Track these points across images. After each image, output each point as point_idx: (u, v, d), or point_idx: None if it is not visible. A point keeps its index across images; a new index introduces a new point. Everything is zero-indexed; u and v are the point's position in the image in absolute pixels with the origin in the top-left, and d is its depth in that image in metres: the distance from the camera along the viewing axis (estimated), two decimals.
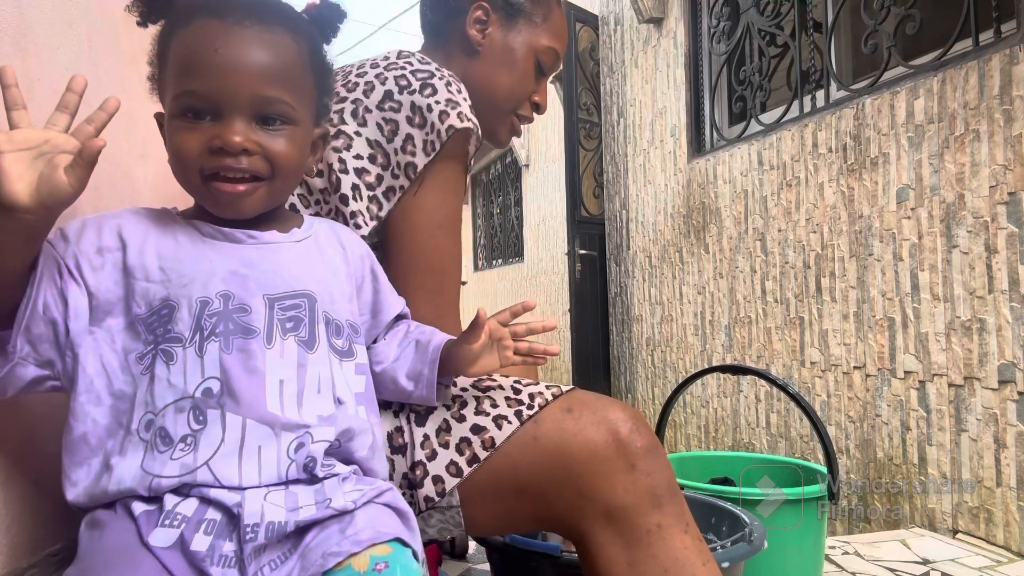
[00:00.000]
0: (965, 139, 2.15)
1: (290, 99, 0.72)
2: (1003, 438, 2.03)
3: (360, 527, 0.64)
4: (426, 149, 0.92)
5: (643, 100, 4.26)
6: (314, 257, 0.78)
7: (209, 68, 0.69)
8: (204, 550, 0.61)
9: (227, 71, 0.69)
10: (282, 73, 0.72)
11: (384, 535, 0.64)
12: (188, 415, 0.66)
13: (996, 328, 2.05)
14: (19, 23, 0.82)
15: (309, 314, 0.73)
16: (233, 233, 0.74)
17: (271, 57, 0.71)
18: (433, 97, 0.92)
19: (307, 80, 0.76)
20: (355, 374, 0.76)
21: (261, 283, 0.72)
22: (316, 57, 0.77)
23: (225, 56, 0.69)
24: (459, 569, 1.68)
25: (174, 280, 0.70)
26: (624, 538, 0.79)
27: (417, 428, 0.84)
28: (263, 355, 0.68)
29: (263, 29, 0.72)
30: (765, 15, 3.24)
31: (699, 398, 3.67)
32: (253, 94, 0.70)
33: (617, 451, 0.80)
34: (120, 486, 0.65)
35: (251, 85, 0.69)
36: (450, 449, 0.82)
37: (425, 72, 0.94)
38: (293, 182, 0.76)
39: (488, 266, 9.50)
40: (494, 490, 0.83)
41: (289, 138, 0.72)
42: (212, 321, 0.68)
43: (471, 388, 0.87)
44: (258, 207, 0.73)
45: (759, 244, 3.16)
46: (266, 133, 0.71)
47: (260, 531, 0.62)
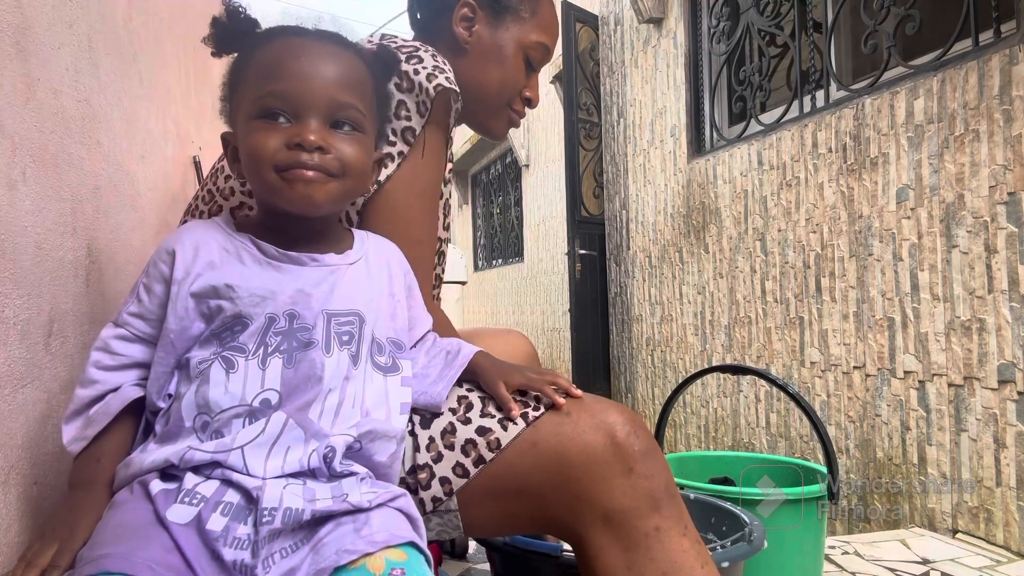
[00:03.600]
0: (965, 139, 2.15)
1: (362, 108, 0.79)
2: (1003, 438, 2.03)
3: (375, 528, 0.66)
4: (420, 110, 0.94)
5: (643, 100, 4.26)
6: (363, 278, 0.82)
7: (291, 71, 0.76)
8: (219, 530, 0.64)
9: (307, 75, 0.77)
10: (354, 84, 0.79)
11: (398, 538, 0.66)
12: (244, 419, 0.71)
13: (996, 328, 2.05)
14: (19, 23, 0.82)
15: (359, 331, 0.78)
16: (299, 257, 0.79)
17: (346, 68, 0.79)
18: (419, 64, 0.95)
19: (372, 101, 0.83)
20: (401, 386, 0.80)
21: (322, 301, 0.77)
22: (379, 85, 0.85)
23: (306, 62, 0.77)
24: (459, 569, 1.68)
25: (244, 299, 0.74)
26: (622, 541, 0.79)
27: (422, 431, 0.84)
28: (322, 363, 0.73)
29: (339, 47, 0.81)
30: (765, 15, 3.24)
31: (699, 398, 3.67)
32: (330, 97, 0.76)
33: (615, 454, 0.80)
34: (156, 458, 0.69)
35: (328, 89, 0.76)
36: (455, 451, 0.82)
37: (411, 46, 0.97)
38: (360, 186, 0.81)
39: (488, 266, 9.50)
40: (492, 493, 0.82)
41: (359, 143, 0.79)
42: (277, 339, 0.73)
43: (476, 391, 0.87)
44: (329, 202, 0.77)
45: (759, 244, 3.16)
46: (338, 136, 0.77)
47: (277, 516, 0.64)
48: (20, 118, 0.80)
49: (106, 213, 1.07)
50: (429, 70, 0.94)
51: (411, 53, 0.96)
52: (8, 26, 0.79)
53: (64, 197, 0.93)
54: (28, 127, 0.82)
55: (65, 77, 0.94)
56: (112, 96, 1.11)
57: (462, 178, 9.97)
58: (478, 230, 10.07)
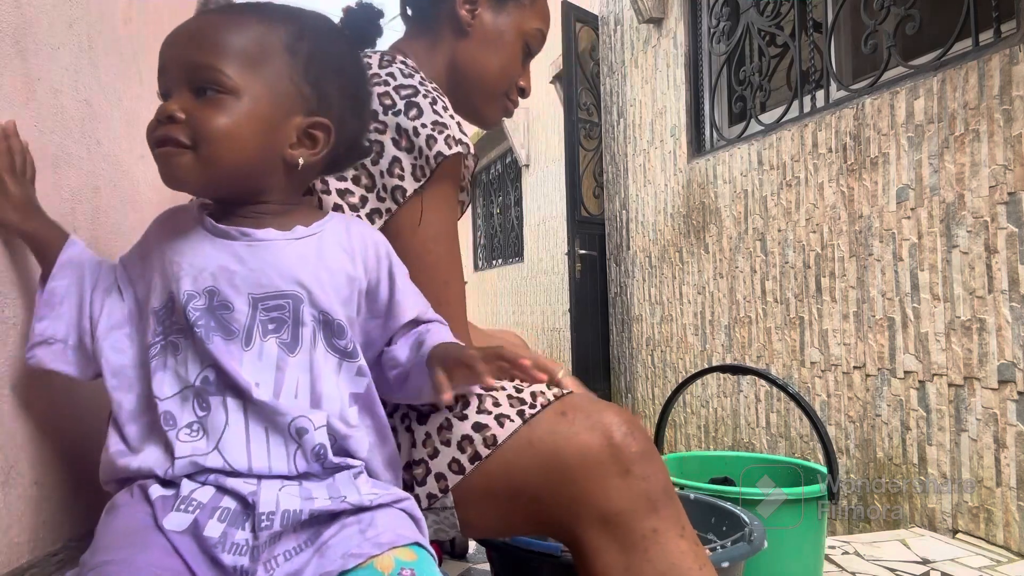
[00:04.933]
0: (965, 139, 2.15)
1: (226, 68, 0.71)
2: (1003, 438, 2.03)
3: (380, 529, 0.65)
4: (415, 175, 0.90)
5: (643, 100, 4.26)
6: (310, 256, 0.76)
7: (162, 46, 0.74)
8: (216, 536, 0.63)
9: (168, 44, 0.73)
10: (217, 44, 0.72)
11: (404, 538, 0.65)
12: (193, 403, 0.69)
13: (996, 328, 2.05)
14: (19, 23, 0.82)
15: (293, 315, 0.73)
16: (227, 230, 0.74)
17: (209, 30, 0.73)
18: (419, 120, 0.90)
19: (274, 60, 0.74)
20: (356, 375, 0.76)
21: (248, 281, 0.72)
22: (302, 44, 0.76)
23: (173, 33, 0.74)
24: (459, 569, 1.68)
25: (171, 274, 0.73)
26: (619, 543, 0.79)
27: (419, 426, 0.83)
28: (240, 356, 0.70)
29: (220, 14, 0.75)
30: (765, 15, 3.24)
31: (699, 398, 3.67)
32: (186, 62, 0.72)
33: (611, 456, 0.79)
34: (141, 465, 0.68)
35: (185, 54, 0.72)
36: (452, 447, 0.82)
37: (409, 88, 0.92)
38: (231, 155, 0.71)
39: (488, 266, 9.50)
40: (488, 493, 0.82)
41: (220, 107, 0.71)
42: (196, 315, 0.70)
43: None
44: (191, 176, 0.71)
45: (759, 244, 3.16)
46: (200, 103, 0.71)
47: (276, 519, 0.64)
48: (20, 118, 0.80)
49: (106, 213, 1.07)
50: (429, 130, 0.89)
51: (409, 100, 0.91)
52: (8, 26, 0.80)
53: (64, 197, 0.93)
54: (28, 127, 0.82)
55: (65, 77, 0.94)
56: (112, 96, 1.11)
57: None
58: (478, 230, 10.07)
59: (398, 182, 0.90)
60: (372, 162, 0.90)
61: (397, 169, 0.90)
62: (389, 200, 0.90)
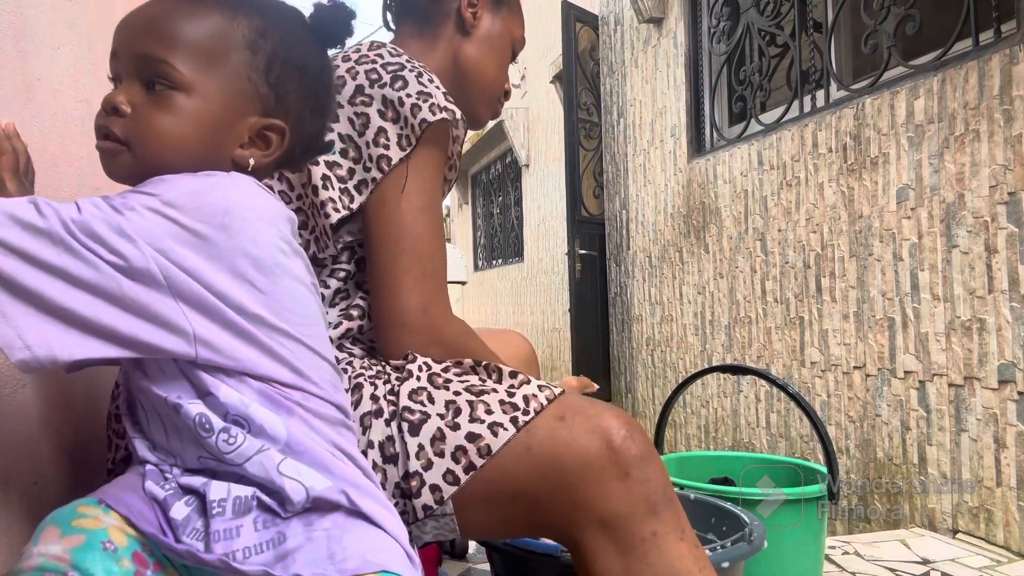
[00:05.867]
0: (965, 139, 2.15)
1: (178, 62, 0.67)
2: (1003, 438, 2.03)
3: (349, 552, 0.63)
4: (401, 143, 0.91)
5: (643, 100, 4.26)
6: None
7: (116, 28, 0.70)
8: (180, 519, 0.65)
9: (120, 28, 0.69)
10: (172, 33, 0.67)
11: (371, 565, 0.62)
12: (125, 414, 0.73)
13: (996, 328, 2.05)
14: (19, 23, 0.82)
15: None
16: None
17: (164, 17, 0.68)
18: (404, 90, 0.91)
19: (232, 56, 0.70)
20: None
21: None
22: (265, 41, 0.71)
23: (127, 16, 0.69)
24: (459, 569, 1.68)
25: None
26: (619, 546, 0.78)
27: (411, 438, 0.82)
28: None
29: (182, 1, 0.69)
30: (765, 15, 3.24)
31: (699, 398, 3.67)
32: (135, 52, 0.67)
33: (611, 459, 0.79)
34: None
35: (135, 44, 0.68)
36: (446, 458, 0.80)
37: (395, 64, 0.93)
38: (170, 156, 0.67)
39: (488, 266, 9.50)
40: (488, 498, 0.82)
41: (167, 104, 0.67)
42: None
43: (464, 392, 0.85)
44: (129, 175, 0.68)
45: (759, 244, 3.16)
46: (147, 97, 0.67)
47: (227, 506, 0.64)
48: (20, 118, 0.80)
49: None
50: (414, 99, 0.90)
51: (395, 74, 0.92)
52: (8, 26, 0.80)
53: (64, 197, 0.93)
54: (28, 127, 0.82)
55: (65, 77, 0.94)
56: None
57: (462, 178, 9.97)
58: (478, 230, 10.07)
59: (383, 151, 0.91)
60: (359, 133, 0.91)
61: (383, 139, 0.91)
62: (375, 170, 0.91)
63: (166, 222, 0.61)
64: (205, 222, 0.62)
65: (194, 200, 0.62)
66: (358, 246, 0.96)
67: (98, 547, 0.62)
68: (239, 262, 0.63)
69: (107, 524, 0.65)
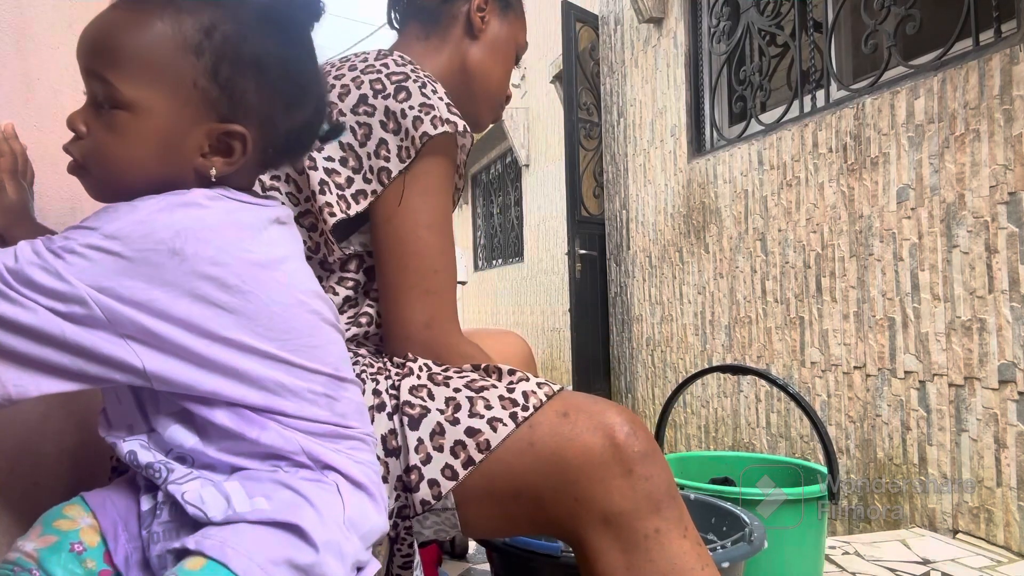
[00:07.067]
0: (965, 139, 2.15)
1: (119, 80, 0.64)
2: (1003, 438, 2.03)
3: (221, 539, 0.59)
4: (401, 156, 0.90)
5: (643, 100, 4.26)
6: None
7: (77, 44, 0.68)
8: (145, 509, 0.67)
9: (78, 43, 0.67)
10: (112, 50, 0.64)
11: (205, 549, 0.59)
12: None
13: (996, 328, 2.05)
14: (19, 23, 0.82)
15: None
16: None
17: (105, 32, 0.65)
18: (407, 102, 0.90)
19: (175, 64, 0.65)
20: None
21: None
22: (210, 40, 0.66)
23: (83, 31, 0.67)
24: (459, 569, 1.68)
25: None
26: (622, 543, 0.79)
27: (411, 432, 0.82)
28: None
29: (123, 9, 0.66)
30: (765, 15, 3.24)
31: (699, 398, 3.67)
32: (84, 68, 0.66)
33: (614, 456, 0.79)
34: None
35: (83, 59, 0.66)
36: (444, 452, 0.81)
37: (400, 74, 0.93)
38: (124, 177, 0.66)
39: (488, 266, 9.50)
40: (490, 494, 0.82)
41: (113, 126, 0.64)
42: None
43: (464, 389, 0.85)
44: (96, 195, 0.68)
45: (759, 244, 3.16)
46: (98, 119, 0.65)
47: (164, 509, 0.66)
48: (20, 118, 0.80)
49: None
50: (416, 111, 0.90)
51: (399, 84, 0.92)
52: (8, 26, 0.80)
53: (64, 197, 0.93)
54: (28, 127, 0.82)
55: (65, 77, 0.94)
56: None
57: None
58: (478, 230, 10.07)
59: (384, 163, 0.90)
60: (360, 144, 0.91)
61: (383, 151, 0.90)
62: (375, 182, 0.91)
63: (110, 257, 0.59)
64: (153, 249, 0.59)
65: (139, 228, 0.60)
66: (367, 255, 0.96)
67: (65, 548, 0.64)
68: (198, 285, 0.61)
69: (82, 525, 0.66)
